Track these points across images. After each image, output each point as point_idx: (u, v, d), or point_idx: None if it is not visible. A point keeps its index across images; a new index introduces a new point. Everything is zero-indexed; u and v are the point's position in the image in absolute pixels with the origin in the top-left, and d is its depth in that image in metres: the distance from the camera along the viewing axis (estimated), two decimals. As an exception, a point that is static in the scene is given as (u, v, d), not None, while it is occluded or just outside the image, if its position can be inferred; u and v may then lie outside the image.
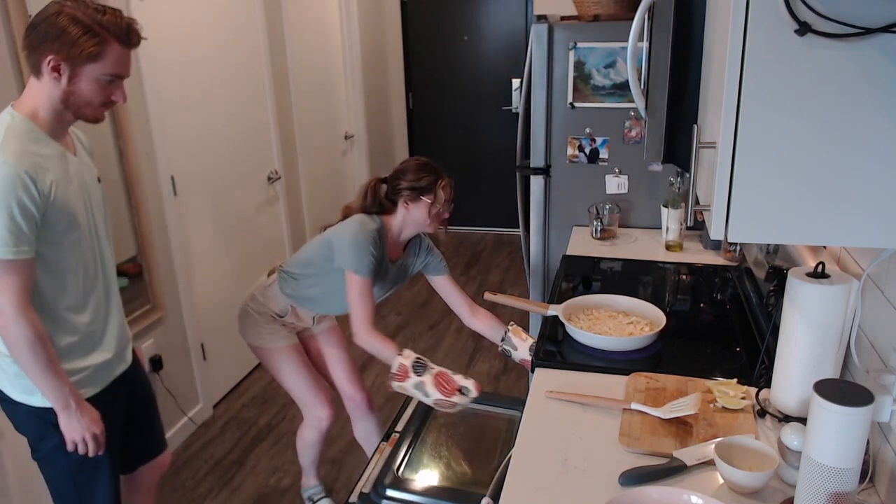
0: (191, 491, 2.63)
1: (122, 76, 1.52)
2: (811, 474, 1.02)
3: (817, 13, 0.86)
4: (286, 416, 3.11)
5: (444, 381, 1.84)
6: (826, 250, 1.52)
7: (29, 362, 1.47)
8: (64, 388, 1.53)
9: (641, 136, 2.64)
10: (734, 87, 0.93)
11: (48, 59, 1.43)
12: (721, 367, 1.65)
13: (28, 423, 1.63)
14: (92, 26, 1.43)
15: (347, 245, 1.95)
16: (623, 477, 1.24)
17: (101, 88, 1.49)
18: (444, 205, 2.05)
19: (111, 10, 1.48)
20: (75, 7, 1.44)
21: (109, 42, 1.46)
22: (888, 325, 1.18)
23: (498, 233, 5.72)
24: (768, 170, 0.94)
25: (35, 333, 1.46)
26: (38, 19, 1.44)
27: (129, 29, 1.49)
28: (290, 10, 3.74)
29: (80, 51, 1.43)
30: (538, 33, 2.61)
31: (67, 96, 1.48)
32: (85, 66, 1.45)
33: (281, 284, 2.14)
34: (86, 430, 1.57)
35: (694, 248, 2.49)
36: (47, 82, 1.46)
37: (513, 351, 2.11)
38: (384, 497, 1.65)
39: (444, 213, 2.07)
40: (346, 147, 4.76)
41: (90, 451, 1.60)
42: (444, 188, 2.03)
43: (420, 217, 2.03)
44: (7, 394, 1.60)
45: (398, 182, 2.02)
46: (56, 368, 1.51)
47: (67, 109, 1.50)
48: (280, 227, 3.75)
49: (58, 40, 1.42)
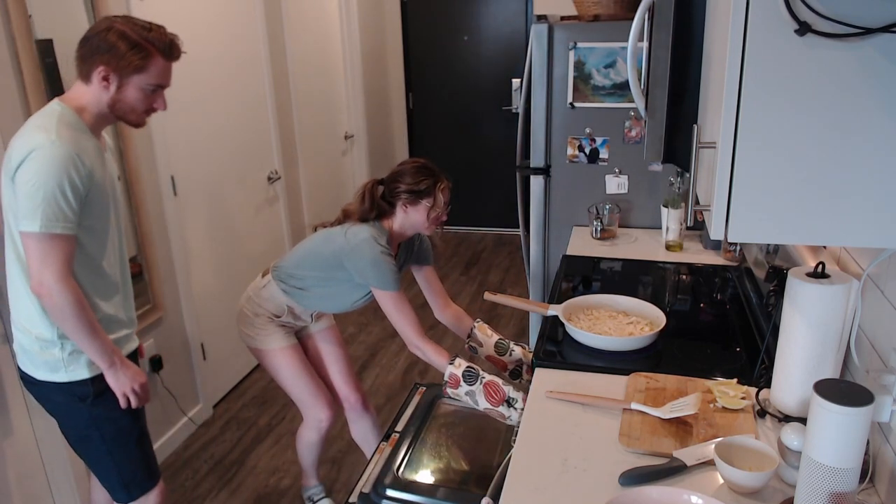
0: (191, 491, 2.63)
1: (164, 86, 1.67)
2: (811, 474, 1.02)
3: (817, 13, 0.86)
4: (286, 416, 3.11)
5: (494, 391, 1.84)
6: (826, 250, 1.52)
7: (75, 326, 1.59)
8: (107, 347, 1.66)
9: (641, 136, 2.64)
10: (734, 87, 0.92)
11: (99, 70, 1.59)
12: (721, 367, 1.65)
13: (55, 401, 1.73)
14: (139, 41, 1.59)
15: (369, 265, 1.94)
16: (623, 477, 1.24)
17: (144, 97, 1.65)
18: (443, 207, 2.04)
19: (156, 26, 1.64)
20: (124, 23, 1.60)
21: (154, 56, 1.62)
22: (888, 325, 1.18)
23: (498, 233, 5.72)
24: (768, 170, 0.94)
25: (77, 299, 1.57)
26: (90, 33, 1.60)
27: (172, 44, 1.66)
28: (290, 10, 3.74)
29: (127, 63, 1.59)
30: (538, 33, 2.61)
31: (115, 103, 1.63)
32: (131, 77, 1.61)
33: (278, 284, 2.13)
34: (133, 382, 1.71)
35: (694, 248, 2.49)
36: (96, 89, 1.61)
37: (478, 347, 2.16)
38: (384, 497, 1.65)
39: (442, 216, 2.06)
40: (346, 147, 4.76)
41: (139, 402, 1.74)
42: (444, 191, 2.02)
43: (418, 220, 2.02)
44: (32, 375, 1.70)
45: (396, 185, 2.01)
46: (99, 330, 1.63)
47: (113, 114, 1.66)
48: (280, 227, 3.75)
49: (108, 53, 1.58)
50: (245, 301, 2.19)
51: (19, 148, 1.53)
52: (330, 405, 2.27)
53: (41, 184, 1.50)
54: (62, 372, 1.67)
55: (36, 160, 1.50)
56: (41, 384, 1.70)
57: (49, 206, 1.50)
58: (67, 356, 1.66)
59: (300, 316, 2.21)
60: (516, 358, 2.15)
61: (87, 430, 1.73)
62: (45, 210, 1.50)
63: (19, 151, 1.52)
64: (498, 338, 2.17)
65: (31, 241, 1.52)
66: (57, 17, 2.21)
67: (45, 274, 1.53)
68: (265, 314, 2.15)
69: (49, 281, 1.53)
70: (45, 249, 1.52)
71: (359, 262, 1.96)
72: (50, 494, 2.26)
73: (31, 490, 2.18)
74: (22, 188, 1.51)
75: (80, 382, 1.68)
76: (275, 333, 2.16)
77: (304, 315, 2.22)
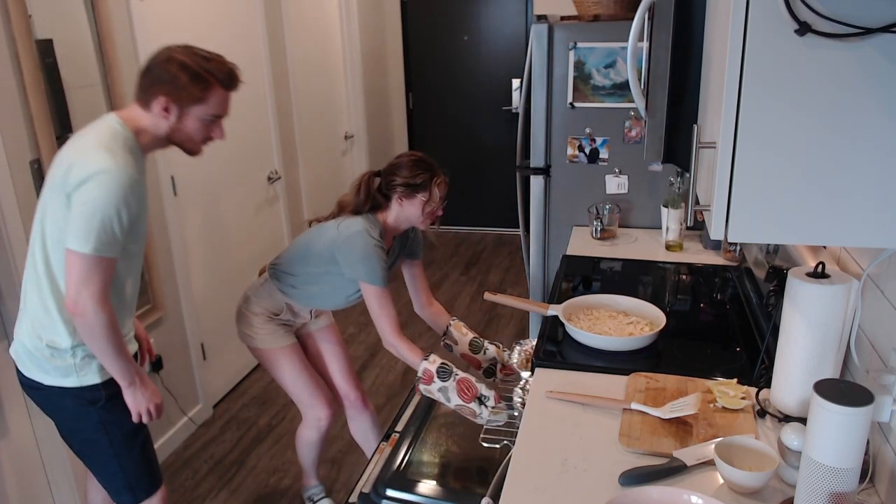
0: (191, 491, 2.63)
1: (222, 116, 1.68)
2: (811, 474, 1.02)
3: (817, 13, 0.86)
4: (286, 416, 3.11)
5: (466, 388, 1.86)
6: (826, 250, 1.52)
7: (103, 347, 1.59)
8: (131, 367, 1.67)
9: (641, 136, 2.64)
10: (734, 87, 0.92)
11: (159, 100, 1.59)
12: (721, 367, 1.65)
13: (63, 406, 1.71)
14: (199, 72, 1.59)
15: (359, 258, 1.94)
16: (623, 477, 1.24)
17: (203, 126, 1.66)
18: (439, 202, 2.03)
19: (216, 56, 1.65)
20: (184, 54, 1.60)
21: (214, 86, 1.62)
22: (888, 325, 1.18)
23: (498, 233, 5.72)
24: (768, 170, 0.94)
25: (110, 321, 1.57)
26: (152, 64, 1.61)
27: (231, 74, 1.66)
28: (290, 10, 3.74)
29: (188, 95, 1.60)
30: (538, 33, 2.61)
31: (173, 132, 1.65)
32: (191, 108, 1.62)
33: (275, 282, 2.13)
34: (150, 403, 1.72)
35: (694, 248, 2.49)
36: (156, 118, 1.62)
37: (454, 345, 2.18)
38: (384, 497, 1.65)
39: (437, 211, 2.05)
40: (346, 147, 4.76)
41: (153, 418, 1.75)
42: (440, 185, 2.02)
43: (413, 214, 2.02)
44: (39, 381, 1.68)
45: (393, 177, 2.00)
46: (126, 351, 1.64)
47: (170, 141, 1.67)
48: (280, 227, 3.75)
49: (169, 84, 1.58)
50: (243, 301, 2.18)
51: (82, 166, 1.51)
52: (329, 404, 2.27)
53: (100, 208, 1.50)
54: (73, 377, 1.66)
55: (99, 184, 1.49)
56: (48, 389, 1.68)
57: (104, 231, 1.51)
58: (80, 361, 1.65)
59: (299, 313, 2.21)
60: (490, 356, 2.17)
61: (95, 434, 1.72)
62: (100, 234, 1.50)
63: (82, 170, 1.51)
64: (473, 336, 2.20)
65: (77, 260, 1.52)
66: (57, 17, 2.21)
67: (84, 294, 1.52)
68: (264, 313, 2.15)
69: (86, 301, 1.53)
70: (89, 270, 1.52)
71: (349, 255, 1.95)
72: (50, 494, 2.26)
73: (31, 490, 2.18)
74: (79, 208, 1.50)
75: (92, 387, 1.68)
76: (274, 333, 2.16)
77: (303, 312, 2.21)
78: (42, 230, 1.60)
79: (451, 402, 1.87)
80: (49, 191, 1.58)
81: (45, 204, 1.59)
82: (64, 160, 1.56)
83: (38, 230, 1.61)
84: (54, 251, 1.59)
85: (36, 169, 2.11)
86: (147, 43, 2.58)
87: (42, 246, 1.60)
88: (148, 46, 2.58)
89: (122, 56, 2.46)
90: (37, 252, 1.62)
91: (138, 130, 1.63)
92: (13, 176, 2.03)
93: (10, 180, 2.02)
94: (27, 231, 2.08)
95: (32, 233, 1.64)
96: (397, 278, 2.25)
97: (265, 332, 2.15)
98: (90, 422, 1.71)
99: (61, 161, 1.57)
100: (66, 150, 1.59)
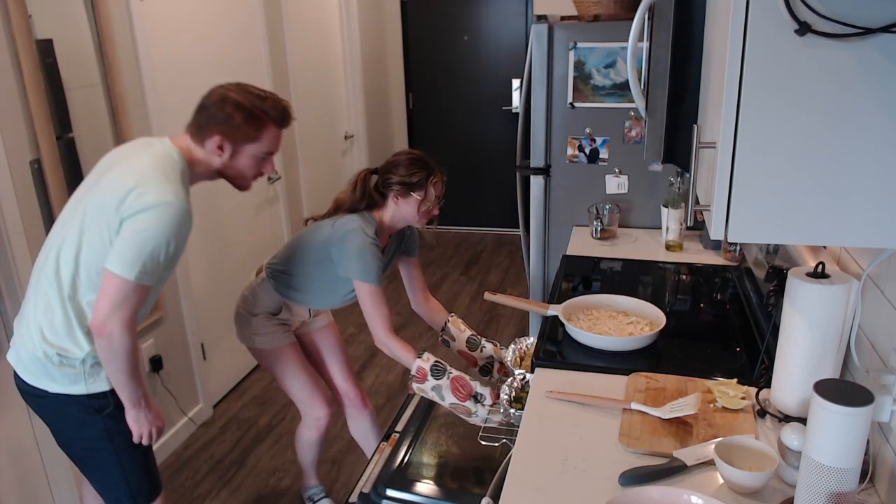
0: (191, 491, 2.63)
1: (274, 153, 1.71)
2: (811, 474, 1.02)
3: (817, 13, 0.86)
4: (286, 416, 3.11)
5: (461, 386, 1.86)
6: (826, 250, 1.52)
7: (119, 369, 1.59)
8: (140, 390, 1.65)
9: (641, 136, 2.64)
10: (734, 87, 0.92)
11: (214, 139, 1.62)
12: (721, 367, 1.65)
13: (67, 413, 1.69)
14: (254, 111, 1.62)
15: (354, 256, 1.93)
16: (623, 477, 1.24)
17: (255, 163, 1.69)
18: (435, 201, 2.02)
19: (269, 94, 1.67)
20: (238, 92, 1.62)
21: (268, 125, 1.65)
22: (888, 325, 1.18)
23: (498, 233, 5.72)
24: (768, 170, 0.94)
25: (133, 345, 1.57)
26: (206, 102, 1.63)
27: (285, 112, 1.69)
28: (290, 10, 3.74)
29: (243, 134, 1.63)
30: (538, 33, 2.61)
31: (226, 169, 1.68)
32: (245, 146, 1.65)
33: (271, 282, 2.12)
34: (152, 425, 1.72)
35: (694, 248, 2.49)
36: (210, 154, 1.65)
37: (451, 341, 2.18)
38: (384, 497, 1.65)
39: (433, 210, 2.04)
40: (346, 147, 4.76)
41: (152, 441, 1.74)
42: (436, 185, 2.00)
43: (409, 213, 2.01)
44: (44, 389, 1.65)
45: (389, 175, 2.00)
46: (139, 374, 1.63)
47: (222, 176, 1.71)
48: (280, 227, 3.75)
49: (223, 123, 1.61)
50: (241, 301, 2.18)
51: (143, 194, 1.50)
52: (328, 403, 2.27)
53: (153, 238, 1.50)
54: (82, 384, 1.64)
55: (158, 215, 1.50)
56: (53, 396, 1.65)
57: (151, 261, 1.51)
58: (89, 369, 1.64)
59: (297, 313, 2.20)
60: (487, 354, 2.17)
61: (99, 441, 1.70)
62: (146, 263, 1.51)
63: (143, 198, 1.50)
64: (470, 333, 2.21)
65: (117, 283, 1.51)
66: (57, 17, 2.21)
67: (114, 318, 1.52)
68: (262, 313, 2.14)
69: (115, 325, 1.52)
70: (126, 296, 1.52)
71: (344, 253, 1.95)
72: (50, 494, 2.26)
73: (31, 490, 2.18)
74: (131, 235, 1.50)
75: (100, 395, 1.66)
76: (273, 333, 2.15)
77: (302, 312, 2.21)
78: (78, 241, 1.56)
79: (445, 400, 1.86)
80: (98, 207, 1.54)
81: (87, 215, 1.55)
82: (120, 180, 1.54)
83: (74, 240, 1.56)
84: (87, 265, 1.56)
85: (36, 169, 2.11)
86: (147, 43, 2.58)
87: (74, 256, 1.56)
88: (148, 46, 2.58)
89: (122, 56, 2.46)
90: (63, 260, 1.58)
91: (192, 162, 1.65)
92: (13, 176, 2.03)
93: (10, 180, 2.02)
94: (27, 231, 2.08)
95: (55, 238, 1.61)
96: (396, 278, 2.26)
97: (263, 331, 2.14)
98: (94, 430, 1.68)
99: (116, 180, 1.54)
100: (124, 170, 1.56)
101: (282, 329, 2.18)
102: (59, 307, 1.59)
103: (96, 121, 2.39)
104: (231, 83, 1.66)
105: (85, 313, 1.60)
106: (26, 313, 1.66)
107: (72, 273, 1.57)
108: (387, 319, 1.97)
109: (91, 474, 1.78)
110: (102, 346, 1.55)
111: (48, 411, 1.71)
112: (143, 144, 1.65)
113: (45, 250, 1.63)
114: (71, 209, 1.62)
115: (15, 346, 1.69)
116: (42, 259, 1.63)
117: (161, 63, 2.69)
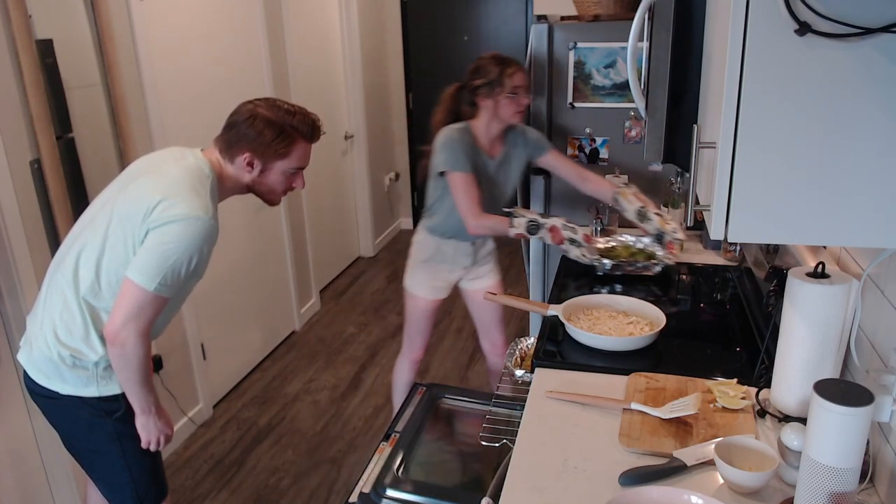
0: (191, 491, 2.63)
1: (303, 167, 1.71)
2: (811, 474, 1.02)
3: (817, 13, 0.86)
4: (286, 416, 3.11)
5: (555, 234, 2.11)
6: (826, 250, 1.52)
7: (131, 377, 1.58)
8: (151, 397, 1.65)
9: (641, 136, 2.64)
10: (734, 87, 0.92)
11: (244, 156, 1.62)
12: (721, 367, 1.65)
13: (77, 416, 1.68)
14: (284, 128, 1.62)
15: (439, 149, 2.12)
16: (623, 477, 1.24)
17: (285, 179, 1.69)
18: (519, 90, 2.13)
19: (299, 109, 1.66)
20: (267, 109, 1.62)
21: (298, 141, 1.65)
22: (888, 325, 1.18)
23: (498, 233, 5.71)
24: (768, 170, 0.94)
25: (146, 354, 1.57)
26: (236, 119, 1.63)
27: (314, 127, 1.68)
28: (290, 10, 3.74)
29: (273, 151, 1.63)
30: (538, 33, 2.61)
31: (255, 184, 1.69)
32: (275, 163, 1.65)
33: (426, 222, 2.35)
34: (161, 432, 1.70)
35: (694, 248, 2.49)
36: (240, 171, 1.65)
37: (622, 213, 2.29)
38: (384, 497, 1.65)
39: (521, 99, 2.15)
40: (346, 147, 4.76)
41: (161, 447, 1.73)
42: (512, 76, 2.12)
43: (500, 110, 2.14)
44: (55, 390, 1.64)
45: (472, 82, 2.16)
46: (150, 381, 1.63)
47: (251, 191, 1.71)
48: (280, 227, 3.75)
49: (254, 141, 1.61)
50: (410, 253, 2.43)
51: (172, 206, 1.50)
52: (425, 352, 2.58)
53: (177, 252, 1.50)
54: (93, 387, 1.62)
55: (184, 229, 1.50)
56: (64, 398, 1.63)
57: (172, 274, 1.51)
58: (102, 371, 1.62)
59: (450, 255, 2.35)
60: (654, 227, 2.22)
61: (107, 445, 1.68)
62: (167, 275, 1.51)
63: (171, 210, 1.50)
64: (640, 205, 2.23)
65: (136, 293, 1.50)
66: (57, 17, 2.21)
67: (129, 327, 1.51)
68: (418, 259, 2.38)
69: (129, 333, 1.51)
70: (143, 306, 1.51)
71: (435, 153, 2.15)
72: (50, 495, 2.26)
73: (31, 490, 2.18)
74: (156, 246, 1.50)
75: (111, 398, 1.64)
76: (424, 283, 2.39)
77: (456, 255, 2.36)
78: (101, 246, 1.55)
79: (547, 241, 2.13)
80: (124, 214, 1.53)
81: (112, 222, 1.55)
82: (149, 190, 1.53)
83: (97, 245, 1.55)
84: (108, 272, 1.55)
85: (36, 169, 2.11)
86: (147, 43, 2.58)
87: (95, 261, 1.56)
88: (148, 46, 2.58)
89: (122, 56, 2.46)
90: (83, 262, 1.57)
91: (222, 177, 1.65)
92: (13, 176, 2.03)
93: (10, 180, 2.02)
94: (27, 231, 2.08)
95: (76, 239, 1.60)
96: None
97: (416, 280, 2.40)
98: (103, 433, 1.67)
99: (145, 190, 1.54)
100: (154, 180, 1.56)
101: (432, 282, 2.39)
102: (76, 309, 1.58)
103: (96, 121, 2.40)
104: (259, 98, 1.66)
105: (101, 318, 1.59)
106: (38, 311, 1.65)
107: (91, 277, 1.56)
108: (475, 203, 2.14)
109: (98, 477, 1.76)
110: (115, 354, 1.54)
111: (57, 413, 1.69)
112: (174, 155, 1.65)
113: (64, 249, 1.63)
114: (96, 210, 1.62)
115: (27, 343, 1.67)
116: (60, 258, 1.63)
117: (161, 63, 2.69)
